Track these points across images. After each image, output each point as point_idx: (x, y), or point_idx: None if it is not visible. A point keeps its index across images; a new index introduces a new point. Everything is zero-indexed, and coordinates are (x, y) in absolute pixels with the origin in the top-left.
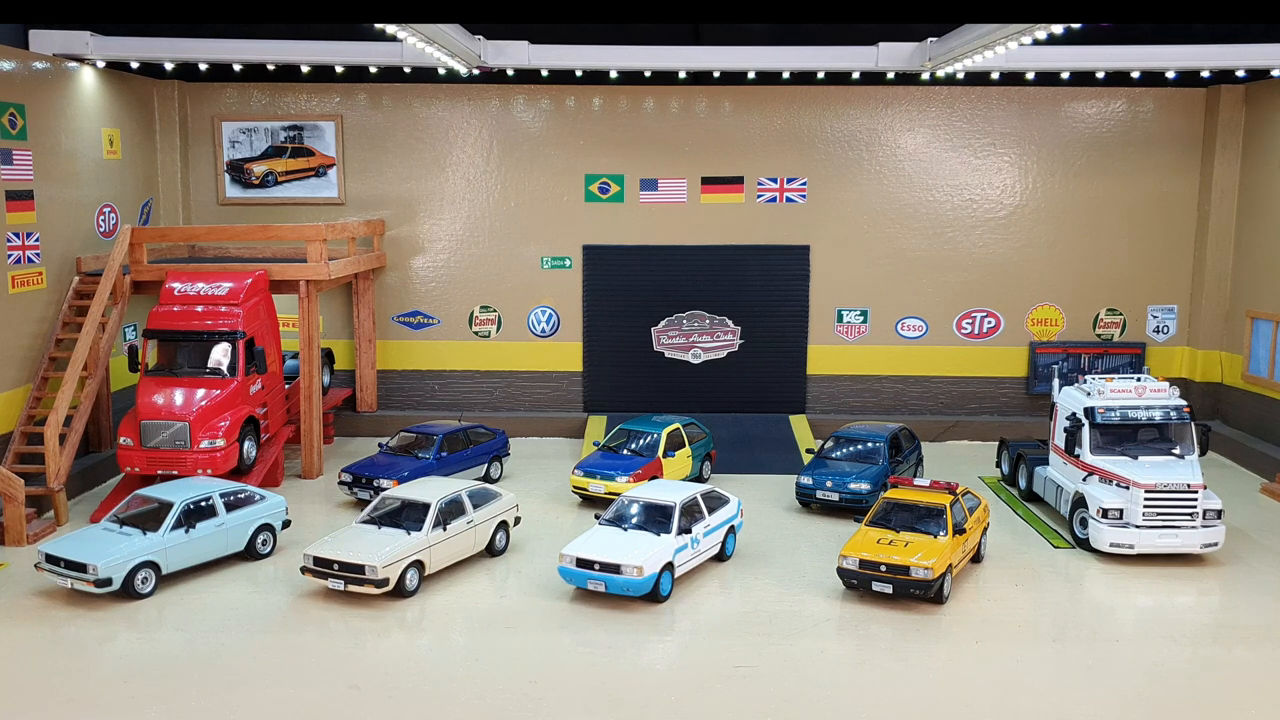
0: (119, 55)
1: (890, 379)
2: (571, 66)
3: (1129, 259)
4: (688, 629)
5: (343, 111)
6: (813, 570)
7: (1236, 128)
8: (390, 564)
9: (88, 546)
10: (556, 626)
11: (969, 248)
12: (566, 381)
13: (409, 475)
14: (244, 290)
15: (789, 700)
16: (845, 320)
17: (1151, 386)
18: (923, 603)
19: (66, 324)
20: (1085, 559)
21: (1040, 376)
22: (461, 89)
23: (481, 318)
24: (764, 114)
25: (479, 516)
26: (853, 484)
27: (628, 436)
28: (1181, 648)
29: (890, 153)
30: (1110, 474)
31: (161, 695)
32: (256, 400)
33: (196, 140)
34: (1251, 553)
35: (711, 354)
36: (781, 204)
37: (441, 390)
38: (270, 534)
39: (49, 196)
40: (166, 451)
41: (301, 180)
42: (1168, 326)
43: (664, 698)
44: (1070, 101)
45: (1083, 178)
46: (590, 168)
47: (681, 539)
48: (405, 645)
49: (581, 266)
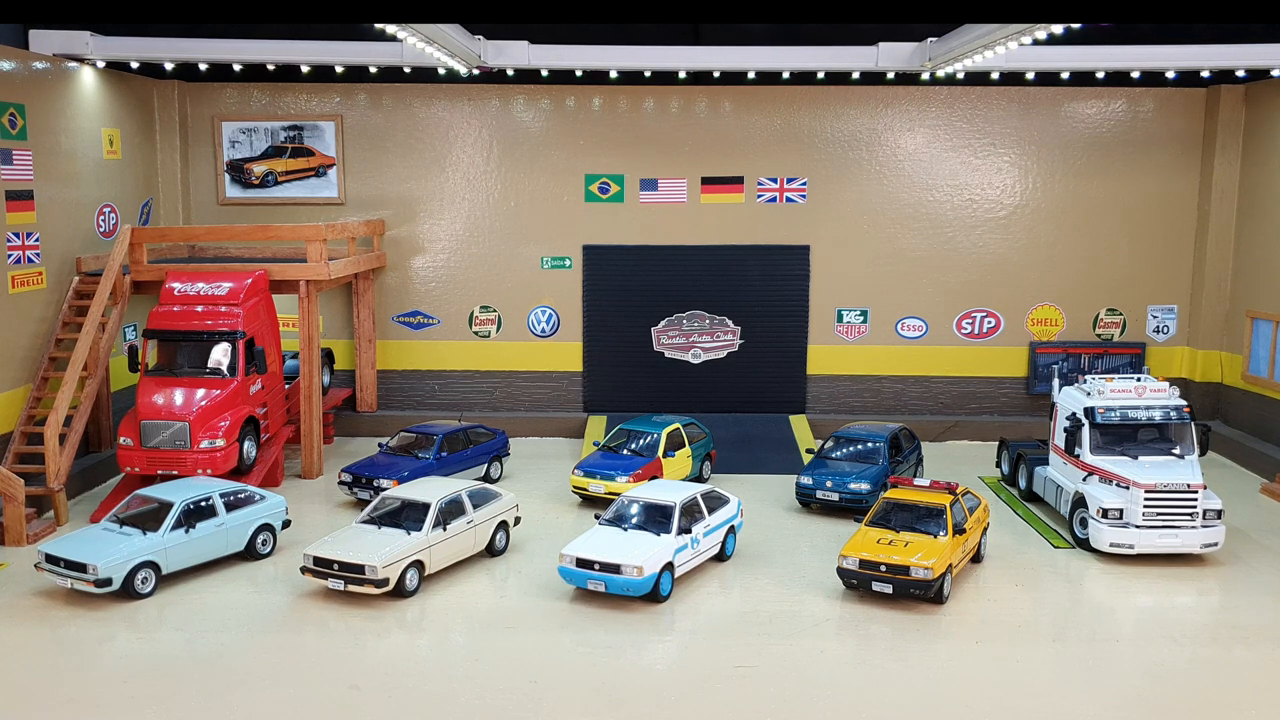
0: (119, 55)
1: (890, 379)
2: (571, 66)
3: (1129, 259)
4: (688, 629)
5: (343, 111)
6: (813, 570)
7: (1236, 128)
8: (390, 564)
9: (88, 546)
10: (556, 626)
11: (969, 248)
12: (566, 381)
13: (409, 475)
14: (244, 290)
15: (789, 700)
16: (845, 320)
17: (1151, 386)
18: (923, 603)
19: (66, 324)
20: (1085, 559)
21: (1040, 376)
22: (461, 89)
23: (481, 318)
24: (764, 114)
25: (479, 516)
26: (853, 484)
27: (628, 436)
28: (1181, 648)
29: (890, 153)
30: (1110, 474)
31: (161, 695)
32: (256, 400)
33: (196, 140)
34: (1251, 553)
35: (711, 354)
36: (781, 204)
37: (441, 390)
38: (270, 534)
39: (49, 196)
40: (166, 451)
41: (301, 180)
42: (1168, 326)
43: (664, 698)
44: (1070, 101)
45: (1083, 178)
46: (590, 168)
47: (681, 539)
48: (405, 645)
49: (581, 266)
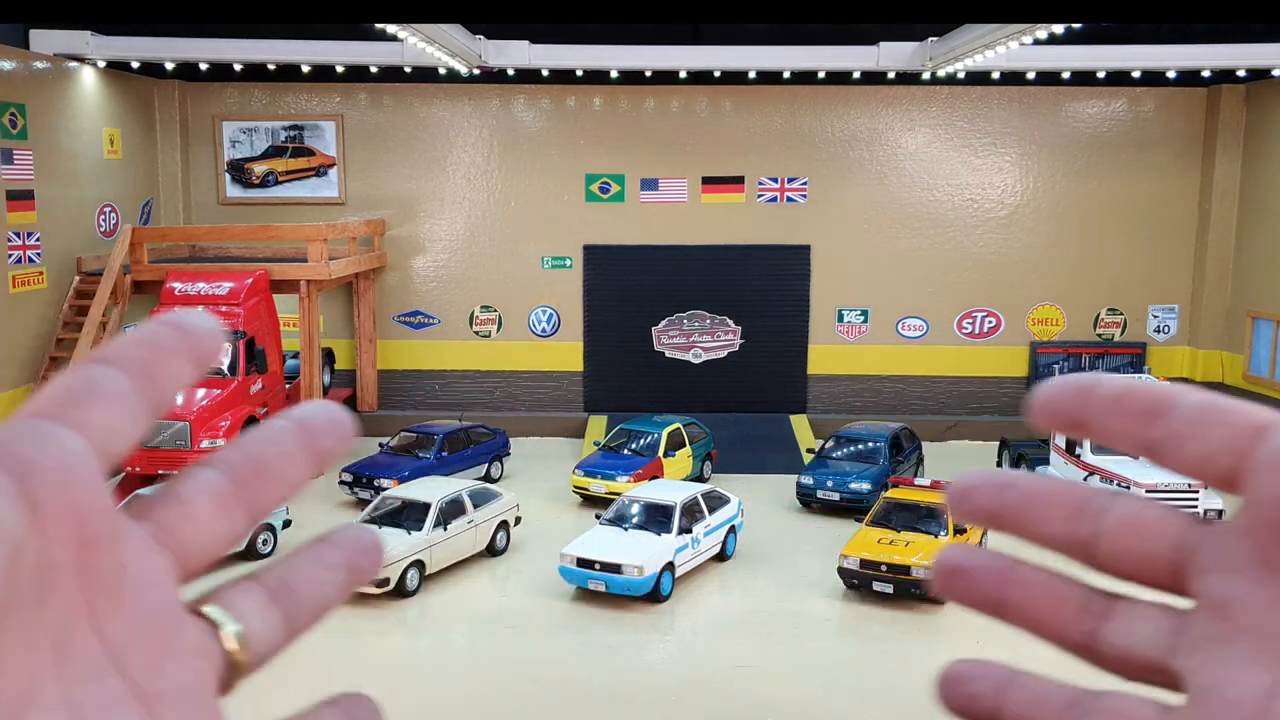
0: (119, 55)
1: (891, 379)
2: (572, 66)
3: (1130, 259)
4: (688, 629)
5: (343, 111)
6: (813, 570)
7: (1237, 127)
8: (391, 563)
9: None
10: (557, 626)
11: (970, 247)
12: (567, 381)
13: (409, 475)
14: (244, 290)
15: (789, 700)
16: (846, 320)
17: None
18: (923, 603)
19: (67, 324)
20: None
21: (1041, 376)
22: (462, 89)
23: (482, 317)
24: (764, 114)
25: (479, 516)
26: (853, 484)
27: (628, 436)
28: None
29: (891, 152)
30: (1111, 474)
31: None
32: (257, 400)
33: (197, 140)
34: None
35: (712, 354)
36: (782, 203)
37: (442, 390)
38: (271, 534)
39: (49, 196)
40: (167, 451)
41: (302, 180)
42: (1168, 326)
43: (664, 698)
44: (1071, 101)
45: (1083, 177)
46: (591, 167)
47: (682, 539)
48: (405, 645)
49: (582, 266)
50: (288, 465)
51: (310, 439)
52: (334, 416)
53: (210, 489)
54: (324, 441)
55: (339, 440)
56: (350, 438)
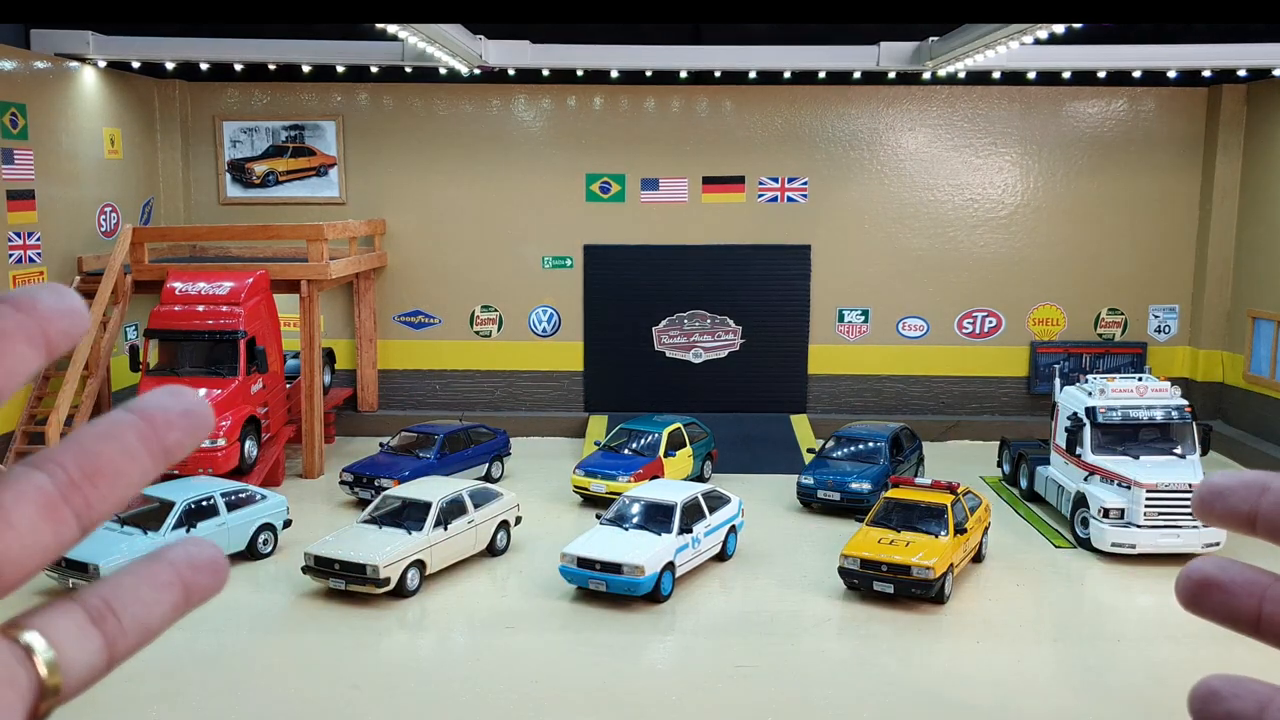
0: (120, 55)
1: (891, 379)
2: (572, 66)
3: (1130, 258)
4: (688, 629)
5: (344, 111)
6: (813, 570)
7: (1238, 127)
8: (391, 563)
9: (89, 546)
10: (557, 626)
11: (970, 247)
12: (567, 381)
13: (410, 475)
14: (245, 290)
15: (789, 700)
16: (846, 320)
17: (1153, 386)
18: (923, 603)
19: None
20: (1086, 559)
21: (1041, 376)
22: (463, 89)
23: (482, 317)
24: (765, 113)
25: (480, 516)
26: (854, 484)
27: (629, 436)
28: (1182, 648)
29: (891, 152)
30: (1112, 474)
31: (162, 694)
32: (258, 400)
33: (197, 140)
34: (1252, 552)
35: (712, 353)
36: (782, 203)
37: (442, 390)
38: (271, 533)
39: (50, 196)
40: None
41: (302, 180)
42: (1169, 326)
43: (664, 698)
44: (1071, 101)
45: (1084, 177)
46: (591, 167)
47: (683, 538)
48: (405, 645)
49: (582, 266)
50: (129, 464)
51: (156, 433)
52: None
53: (36, 495)
54: (174, 435)
55: (191, 433)
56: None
